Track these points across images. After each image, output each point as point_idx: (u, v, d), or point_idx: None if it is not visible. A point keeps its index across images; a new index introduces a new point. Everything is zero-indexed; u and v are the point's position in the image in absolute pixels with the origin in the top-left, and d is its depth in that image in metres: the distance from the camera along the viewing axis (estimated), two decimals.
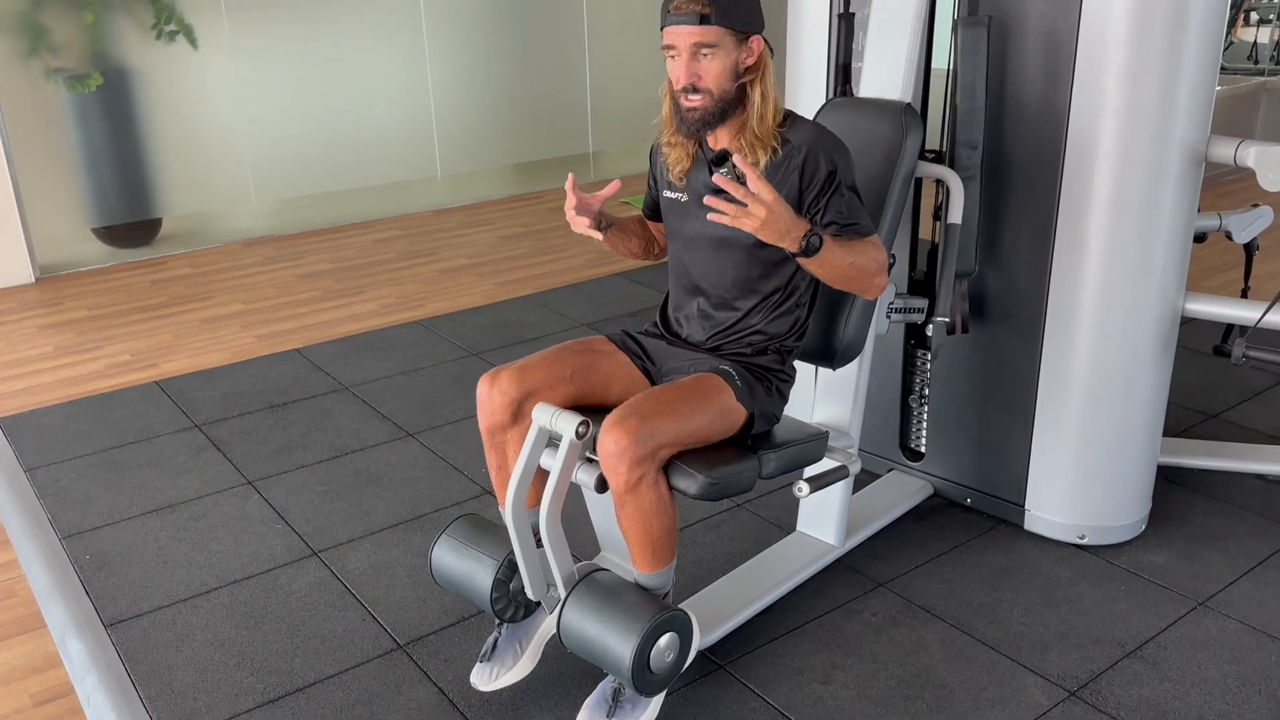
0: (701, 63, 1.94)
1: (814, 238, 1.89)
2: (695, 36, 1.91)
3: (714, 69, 1.94)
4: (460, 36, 6.17)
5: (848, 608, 2.42)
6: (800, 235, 1.88)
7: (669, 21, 1.93)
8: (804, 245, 1.89)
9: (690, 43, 1.92)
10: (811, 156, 1.98)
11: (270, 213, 5.81)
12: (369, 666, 2.26)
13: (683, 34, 1.92)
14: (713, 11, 1.90)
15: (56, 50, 4.99)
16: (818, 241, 1.90)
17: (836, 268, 1.97)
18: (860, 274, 2.00)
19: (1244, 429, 3.24)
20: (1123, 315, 2.46)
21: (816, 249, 1.90)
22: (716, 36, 1.91)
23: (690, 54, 1.93)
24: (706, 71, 1.94)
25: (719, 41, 1.92)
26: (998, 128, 2.49)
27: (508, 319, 4.34)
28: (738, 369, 2.05)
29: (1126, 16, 2.25)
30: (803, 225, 1.89)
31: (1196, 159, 2.41)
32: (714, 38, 1.91)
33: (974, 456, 2.76)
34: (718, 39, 1.92)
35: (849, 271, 1.98)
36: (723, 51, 1.93)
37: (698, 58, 1.93)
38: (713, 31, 1.91)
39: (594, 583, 1.96)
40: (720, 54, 1.93)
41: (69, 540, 2.75)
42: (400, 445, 3.26)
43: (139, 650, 2.32)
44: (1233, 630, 2.32)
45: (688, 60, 1.93)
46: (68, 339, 4.24)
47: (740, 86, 1.98)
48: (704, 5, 1.89)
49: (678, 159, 2.10)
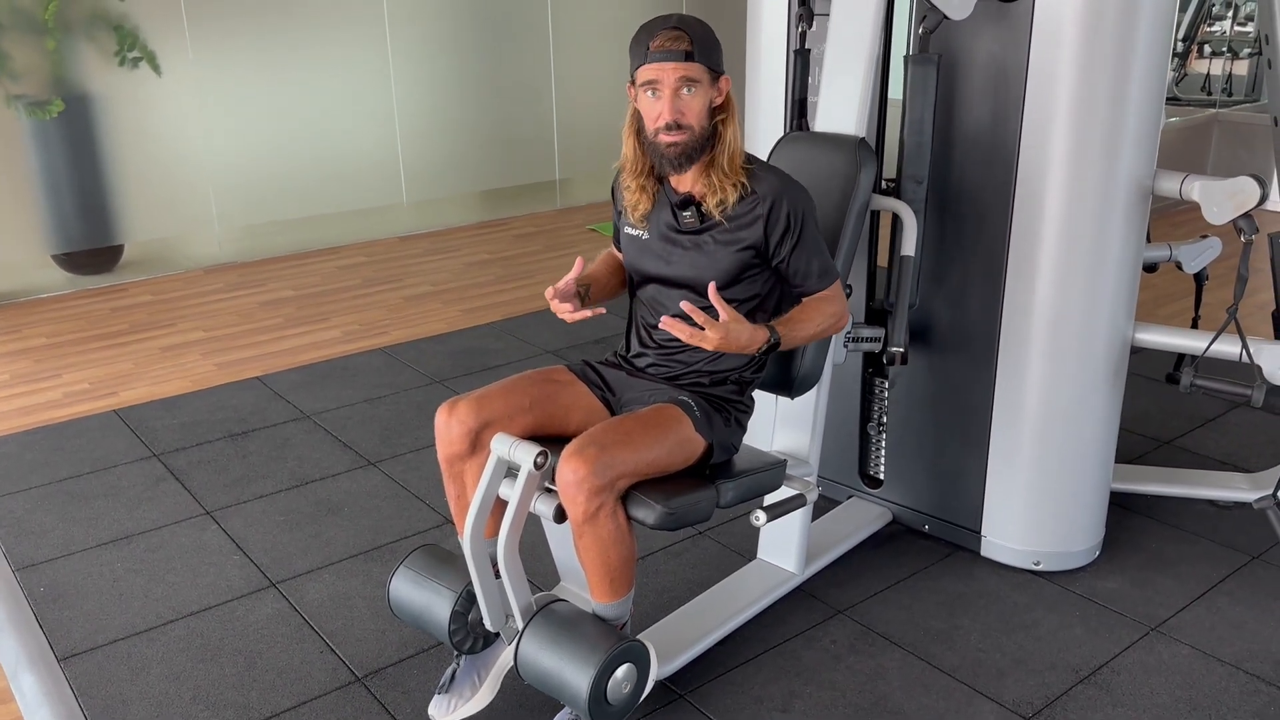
0: (684, 99, 1.96)
1: (774, 339, 2.01)
2: (680, 72, 1.94)
3: (695, 105, 1.97)
4: (426, 63, 6.19)
5: (807, 635, 2.44)
6: (761, 342, 1.99)
7: (651, 59, 1.95)
8: (765, 349, 2.01)
9: (675, 79, 1.95)
10: (777, 205, 2.02)
11: (233, 239, 5.78)
12: (326, 699, 2.24)
13: (668, 70, 1.94)
14: (695, 49, 1.94)
15: (17, 76, 4.95)
16: (776, 339, 2.01)
17: (802, 342, 2.12)
18: (823, 334, 2.14)
19: (1196, 455, 3.30)
20: (1073, 344, 2.51)
21: (776, 345, 2.02)
22: (699, 73, 1.95)
23: (674, 90, 1.95)
24: (689, 108, 1.97)
25: (700, 78, 1.96)
26: (950, 161, 2.54)
27: (472, 346, 4.34)
28: (696, 399, 2.07)
29: (1073, 55, 2.31)
30: (761, 334, 1.98)
31: (1144, 192, 2.47)
32: (697, 74, 1.95)
33: (931, 483, 2.80)
34: (699, 75, 1.96)
35: (814, 339, 2.15)
36: (702, 89, 1.97)
37: (680, 94, 1.96)
38: (695, 68, 1.95)
39: (551, 614, 1.96)
40: (700, 91, 1.97)
41: (22, 572, 2.72)
42: (361, 474, 3.25)
43: (93, 684, 2.29)
44: (1184, 655, 2.36)
45: (671, 96, 1.96)
46: (25, 367, 4.19)
47: (713, 126, 2.01)
48: (688, 43, 1.93)
49: (636, 201, 2.12)
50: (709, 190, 2.03)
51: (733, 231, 2.04)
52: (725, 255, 2.05)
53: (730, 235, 2.05)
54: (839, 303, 2.13)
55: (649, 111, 2.00)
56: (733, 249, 2.05)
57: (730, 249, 2.05)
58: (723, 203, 2.02)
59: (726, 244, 2.05)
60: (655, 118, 1.98)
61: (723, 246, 2.05)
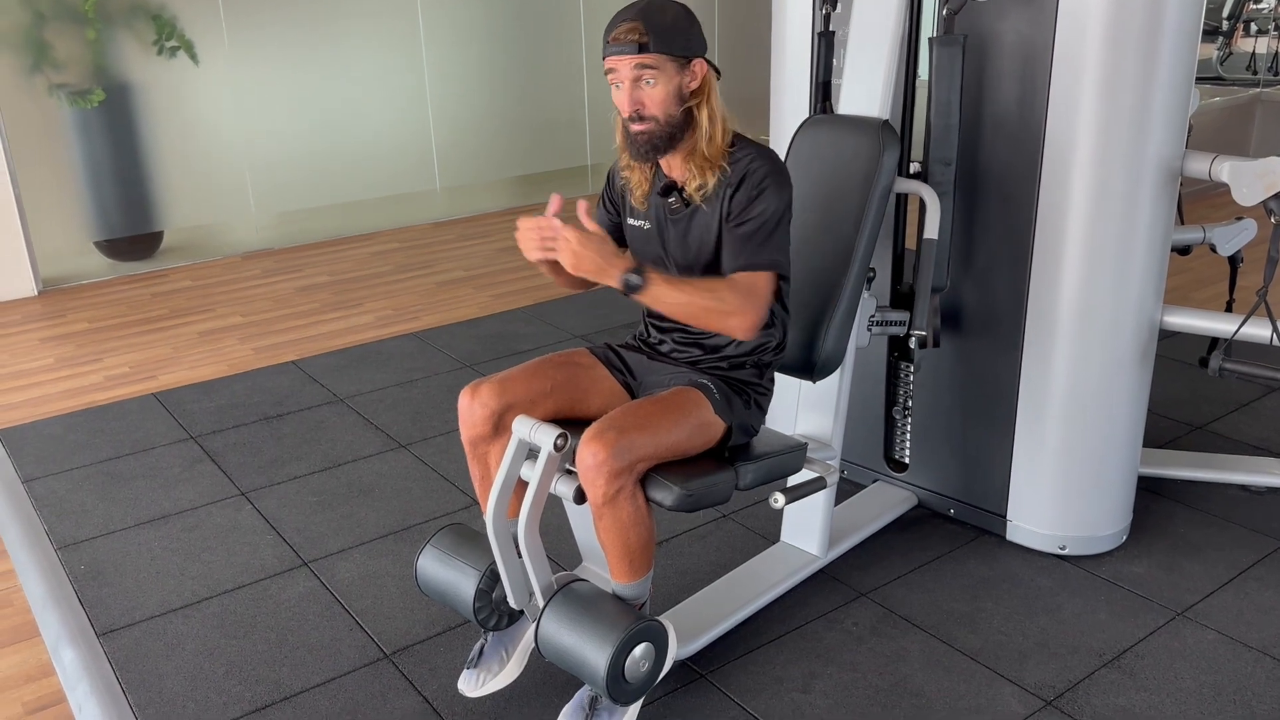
0: (644, 90, 1.96)
1: (631, 276, 1.88)
2: (635, 64, 1.93)
3: (656, 96, 1.96)
4: (458, 49, 6.23)
5: (829, 617, 2.45)
6: (618, 273, 1.88)
7: (609, 51, 1.95)
8: (623, 282, 1.89)
9: (631, 71, 1.94)
10: (745, 181, 1.99)
11: (270, 225, 5.86)
12: (355, 676, 2.29)
13: (623, 63, 1.94)
14: (650, 40, 1.92)
15: (59, 66, 5.06)
16: (637, 280, 1.89)
17: (670, 306, 1.95)
18: (704, 314, 1.95)
19: (1229, 440, 3.26)
20: (1100, 327, 2.49)
21: (636, 287, 1.89)
22: (656, 63, 1.93)
23: (632, 82, 1.95)
24: (649, 98, 1.96)
25: (659, 67, 1.94)
26: (976, 143, 2.53)
27: (502, 331, 4.38)
28: (716, 382, 2.09)
29: (1100, 34, 2.29)
30: (617, 267, 1.88)
31: (1172, 174, 2.44)
32: (654, 63, 1.94)
33: (957, 468, 2.79)
34: (657, 65, 1.94)
35: (688, 311, 1.96)
36: (664, 77, 1.95)
37: (639, 85, 1.95)
38: (652, 59, 1.93)
39: (571, 593, 1.99)
40: (662, 80, 1.95)
41: (64, 550, 2.80)
42: (392, 456, 3.30)
43: (130, 659, 2.36)
44: (1210, 640, 2.34)
45: (630, 88, 1.95)
46: (68, 351, 4.29)
47: (687, 110, 1.99)
48: (641, 34, 1.92)
49: (638, 182, 2.13)
50: (690, 176, 2.03)
51: (710, 213, 2.05)
52: (709, 236, 2.06)
53: (709, 217, 2.05)
54: (747, 298, 1.95)
55: (616, 102, 2.00)
56: (714, 229, 2.05)
57: (712, 230, 2.05)
58: (702, 187, 2.02)
59: (707, 226, 2.06)
60: (621, 109, 1.99)
61: (705, 229, 2.06)
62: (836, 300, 2.31)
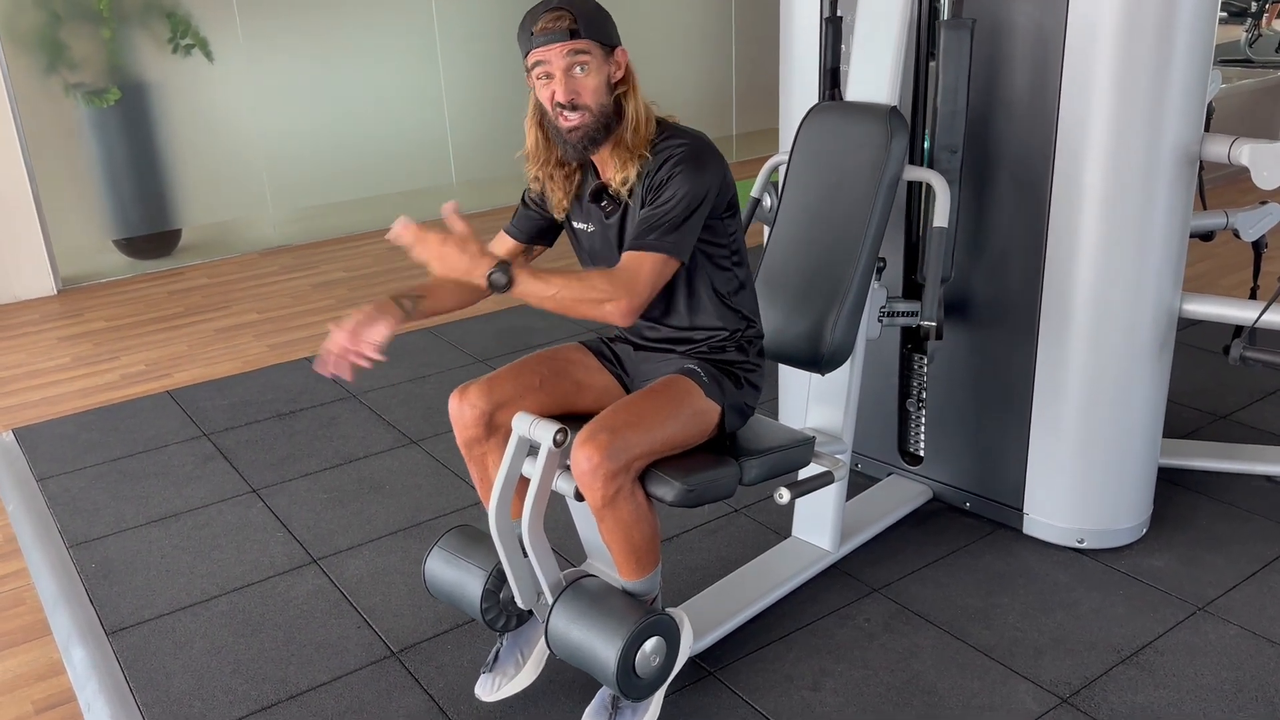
0: (579, 78, 1.89)
1: (496, 274, 1.77)
2: (568, 49, 1.87)
3: (590, 84, 1.90)
4: (473, 43, 6.21)
5: (840, 614, 2.41)
6: (482, 272, 1.77)
7: (536, 43, 1.88)
8: (489, 281, 1.78)
9: (563, 60, 1.88)
10: (659, 171, 1.93)
11: (287, 222, 5.87)
12: (361, 674, 2.28)
13: (553, 51, 1.87)
14: (580, 26, 1.87)
15: (75, 66, 5.08)
16: (501, 278, 1.78)
17: (541, 300, 1.84)
18: (575, 305, 1.84)
19: (1253, 430, 3.19)
20: (1117, 316, 2.43)
21: (502, 285, 1.78)
22: (588, 48, 1.88)
23: (564, 71, 1.89)
24: (584, 87, 1.90)
25: (591, 53, 1.89)
26: (988, 129, 2.47)
27: (516, 325, 4.36)
28: (703, 365, 2.04)
29: (1114, 16, 2.23)
30: (485, 263, 1.77)
31: (1190, 158, 2.38)
32: (586, 49, 1.88)
33: (972, 460, 2.74)
34: (589, 50, 1.88)
35: (559, 303, 1.84)
36: (595, 65, 1.90)
37: (572, 74, 1.89)
38: (585, 44, 1.88)
39: (579, 589, 1.96)
40: (594, 68, 1.90)
41: (76, 549, 2.80)
42: (403, 453, 3.29)
43: (138, 657, 2.36)
44: (1232, 635, 2.29)
45: (563, 78, 1.89)
46: (85, 350, 4.31)
47: (617, 100, 1.94)
48: (571, 21, 1.86)
49: (556, 191, 2.06)
50: (615, 170, 1.97)
51: (636, 205, 1.98)
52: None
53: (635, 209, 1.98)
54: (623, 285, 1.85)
55: (545, 95, 1.93)
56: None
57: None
58: (626, 179, 1.95)
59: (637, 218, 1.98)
60: (553, 98, 1.91)
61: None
62: (845, 291, 2.26)
